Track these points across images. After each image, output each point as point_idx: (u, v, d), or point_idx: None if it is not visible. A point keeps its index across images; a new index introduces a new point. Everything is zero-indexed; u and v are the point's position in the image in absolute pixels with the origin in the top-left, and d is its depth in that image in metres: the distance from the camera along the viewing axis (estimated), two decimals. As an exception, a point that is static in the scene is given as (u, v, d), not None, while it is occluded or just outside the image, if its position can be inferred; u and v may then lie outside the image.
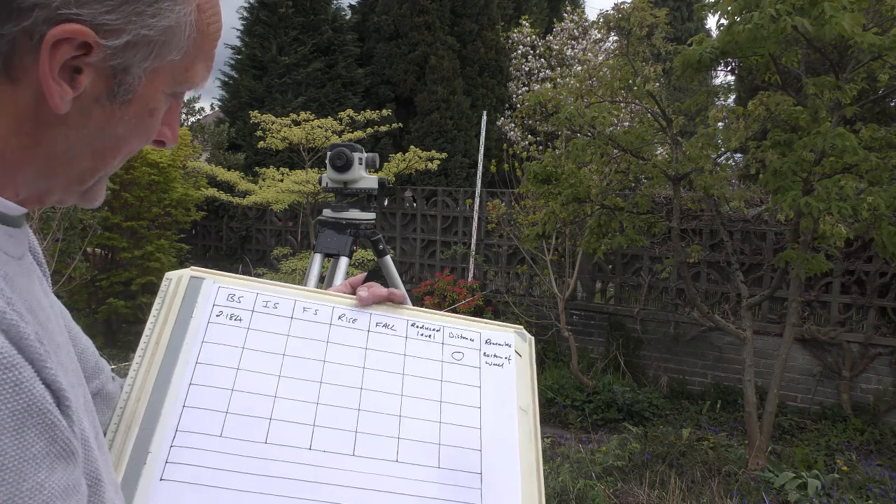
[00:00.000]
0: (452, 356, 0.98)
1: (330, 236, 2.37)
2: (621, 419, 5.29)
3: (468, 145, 10.57)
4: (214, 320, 0.91)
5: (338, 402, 0.89)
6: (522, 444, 0.92)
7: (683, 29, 16.67)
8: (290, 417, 0.86)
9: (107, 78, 0.56)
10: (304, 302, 0.97)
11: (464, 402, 0.94)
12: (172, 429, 0.82)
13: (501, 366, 0.99)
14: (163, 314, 0.91)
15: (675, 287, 6.21)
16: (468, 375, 0.97)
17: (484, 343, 1.01)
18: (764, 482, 3.95)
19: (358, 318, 0.97)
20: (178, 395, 0.84)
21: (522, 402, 0.96)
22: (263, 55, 10.28)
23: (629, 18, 4.57)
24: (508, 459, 0.90)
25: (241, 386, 0.87)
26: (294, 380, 0.89)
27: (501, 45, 10.89)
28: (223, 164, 8.82)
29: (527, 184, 5.19)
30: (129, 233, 6.83)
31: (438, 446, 0.89)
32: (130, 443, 0.80)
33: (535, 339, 1.04)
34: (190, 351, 0.88)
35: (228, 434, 0.83)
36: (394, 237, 7.99)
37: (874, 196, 3.50)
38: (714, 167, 4.43)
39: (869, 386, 5.47)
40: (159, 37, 0.57)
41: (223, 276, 0.97)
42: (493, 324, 1.05)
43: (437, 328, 1.01)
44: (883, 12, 3.97)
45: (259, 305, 0.95)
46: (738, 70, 4.93)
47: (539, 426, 0.96)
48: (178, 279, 0.94)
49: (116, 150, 0.61)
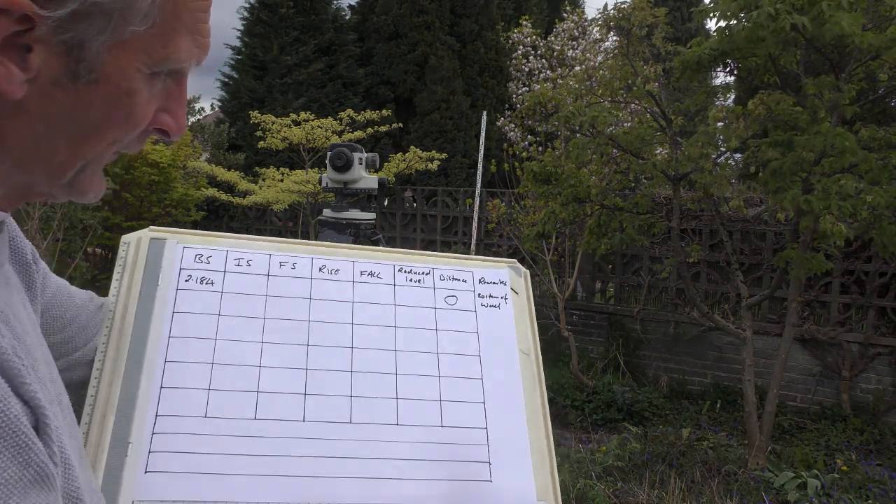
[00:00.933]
0: (446, 301, 0.91)
1: (330, 236, 2.37)
2: (621, 419, 5.29)
3: (468, 145, 10.58)
4: (184, 286, 0.83)
5: (329, 365, 0.82)
6: (527, 389, 0.87)
7: (683, 29, 16.67)
8: (278, 388, 0.79)
9: (61, 55, 0.50)
10: (280, 255, 0.89)
11: (462, 352, 0.88)
12: (152, 414, 0.75)
13: (498, 306, 0.93)
14: (125, 285, 0.82)
15: (674, 287, 6.21)
16: (464, 321, 0.90)
17: (477, 283, 0.94)
18: (764, 482, 3.95)
19: (340, 269, 0.90)
20: (153, 375, 0.77)
21: (523, 344, 0.91)
22: (264, 55, 10.28)
23: (629, 18, 4.58)
24: (513, 408, 0.86)
25: (222, 358, 0.80)
26: (278, 345, 0.82)
27: (501, 46, 10.90)
28: (223, 164, 8.82)
29: (527, 184, 5.20)
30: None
31: (440, 403, 0.84)
32: (107, 433, 0.73)
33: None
34: (161, 324, 0.80)
35: (214, 413, 0.76)
36: (394, 237, 7.99)
37: (874, 195, 3.50)
38: (714, 167, 4.43)
39: (869, 386, 5.47)
40: (113, 4, 0.50)
41: (187, 234, 0.88)
42: (486, 260, 0.98)
43: (427, 271, 0.93)
44: (882, 12, 3.97)
45: (231, 264, 0.86)
46: (737, 71, 4.93)
47: (542, 367, 0.91)
48: (136, 242, 0.86)
49: (95, 137, 0.54)
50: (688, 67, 4.11)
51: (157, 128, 0.59)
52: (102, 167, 0.59)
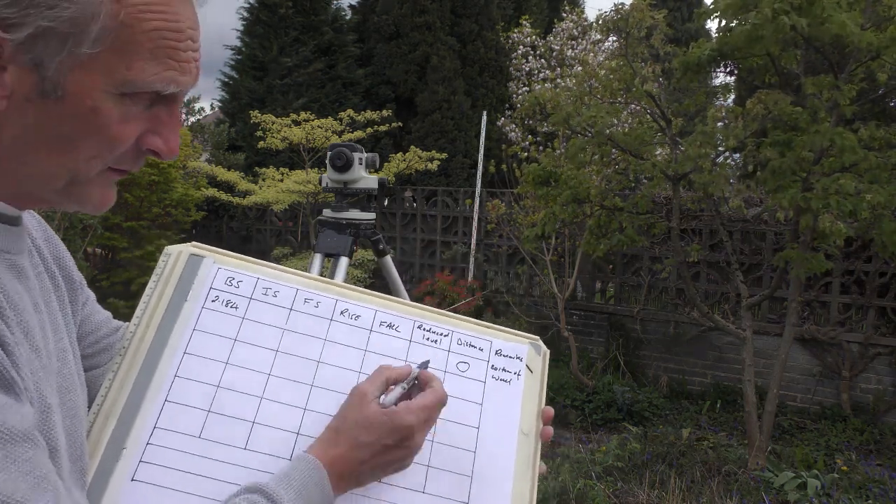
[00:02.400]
0: (457, 366, 0.90)
1: (330, 236, 2.37)
2: (621, 419, 5.29)
3: (468, 145, 10.58)
4: (209, 306, 0.84)
5: (327, 409, 0.81)
6: (517, 472, 0.85)
7: (683, 30, 16.67)
8: (273, 422, 0.79)
9: (29, 73, 0.57)
10: (307, 292, 0.89)
11: (461, 421, 0.86)
12: (151, 424, 0.76)
13: (509, 382, 0.91)
14: (156, 294, 0.84)
15: (674, 287, 6.21)
16: (471, 390, 0.89)
17: (493, 354, 0.92)
18: (764, 482, 3.95)
19: (362, 315, 0.89)
20: (161, 386, 0.78)
21: (525, 424, 0.89)
22: (264, 56, 10.28)
23: (628, 20, 4.58)
24: (499, 489, 0.84)
25: (228, 383, 0.80)
26: (284, 380, 0.82)
27: (501, 46, 10.90)
28: (223, 164, 8.82)
29: (526, 186, 5.20)
30: (129, 233, 6.84)
31: (427, 468, 0.83)
32: (106, 435, 0.74)
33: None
34: (179, 338, 0.81)
35: (208, 436, 0.77)
36: (394, 237, 7.99)
37: (874, 195, 3.51)
38: (713, 166, 4.43)
39: (869, 386, 5.47)
40: (65, 28, 0.56)
41: (225, 256, 0.89)
42: (508, 332, 0.96)
43: (446, 333, 0.92)
44: (880, 12, 3.97)
45: (258, 293, 0.87)
46: (737, 71, 4.93)
47: (539, 448, 0.88)
48: (176, 255, 0.88)
49: (69, 150, 0.60)
50: (688, 68, 4.12)
51: (149, 149, 0.65)
52: (100, 182, 0.65)
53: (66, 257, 0.82)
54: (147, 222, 6.94)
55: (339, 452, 0.75)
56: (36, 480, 0.54)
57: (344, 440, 0.75)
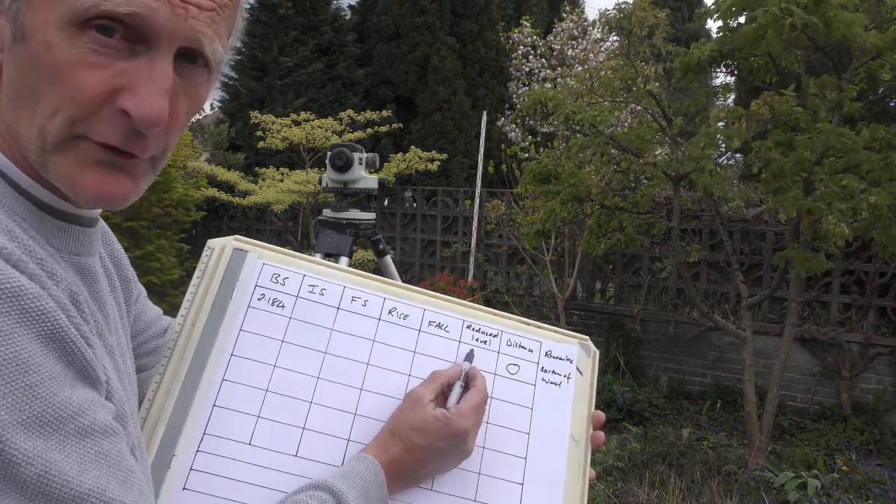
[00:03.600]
0: (507, 369, 0.87)
1: (330, 236, 2.37)
2: (621, 419, 5.29)
3: (469, 146, 10.58)
4: (255, 304, 0.82)
5: (377, 414, 0.80)
6: (569, 480, 0.83)
7: (684, 29, 16.67)
8: (324, 428, 0.78)
9: (10, 22, 0.55)
10: (354, 289, 0.86)
11: (511, 426, 0.84)
12: (200, 431, 0.74)
13: (559, 385, 0.88)
14: (201, 291, 0.82)
15: (675, 287, 6.21)
16: (521, 394, 0.86)
17: (543, 355, 0.90)
18: (764, 482, 3.95)
19: (410, 315, 0.87)
20: (209, 390, 0.76)
21: (576, 430, 0.86)
22: (264, 56, 10.28)
23: (630, 18, 4.58)
24: (551, 498, 0.82)
25: (276, 387, 0.78)
26: (333, 384, 0.80)
27: (502, 46, 10.90)
28: (223, 164, 8.82)
29: (525, 183, 5.19)
30: (129, 233, 6.83)
31: (478, 475, 0.81)
32: (156, 441, 0.73)
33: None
34: (226, 339, 0.79)
35: (258, 443, 0.75)
36: (394, 237, 7.99)
37: (875, 196, 3.50)
38: (715, 167, 4.43)
39: (869, 386, 5.47)
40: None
41: (268, 251, 0.87)
42: (557, 332, 0.93)
43: (495, 333, 0.89)
44: (883, 13, 3.97)
45: (304, 290, 0.84)
46: (738, 71, 4.93)
47: (589, 454, 0.86)
48: (220, 249, 0.84)
49: (35, 102, 0.54)
50: (689, 69, 4.11)
51: (121, 109, 0.54)
52: (80, 158, 0.55)
53: (120, 252, 0.79)
54: (147, 222, 6.93)
55: (394, 454, 0.75)
56: (124, 475, 0.54)
57: (399, 443, 0.75)
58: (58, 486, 0.48)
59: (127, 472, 0.54)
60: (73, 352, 0.53)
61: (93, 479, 0.51)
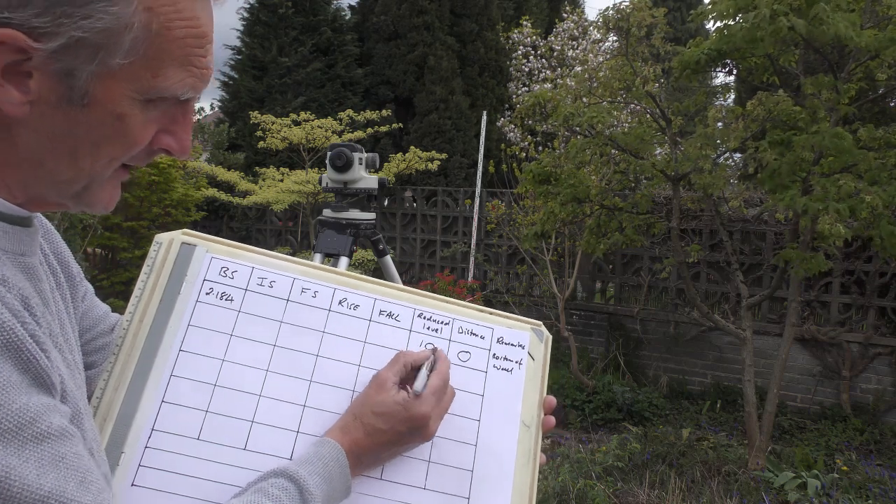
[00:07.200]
0: (458, 356, 0.88)
1: (330, 236, 2.37)
2: (621, 419, 5.29)
3: (467, 145, 10.58)
4: (203, 299, 0.82)
5: (326, 406, 0.80)
6: (518, 465, 0.84)
7: (683, 29, 16.67)
8: (273, 421, 0.78)
9: (58, 82, 0.57)
10: (304, 281, 0.86)
11: (462, 413, 0.85)
12: (148, 427, 0.75)
13: (510, 371, 0.89)
14: (149, 286, 0.81)
15: (675, 287, 6.21)
16: (472, 381, 0.87)
17: (495, 342, 0.90)
18: (764, 482, 3.95)
19: (360, 305, 0.87)
20: (157, 386, 0.76)
21: (527, 415, 0.87)
22: (263, 56, 10.28)
23: (628, 19, 4.58)
24: (501, 484, 0.83)
25: (225, 381, 0.78)
26: (282, 376, 0.80)
27: (501, 46, 10.90)
28: (223, 164, 8.82)
29: (525, 184, 5.19)
30: (129, 233, 6.84)
31: (427, 463, 0.81)
32: (105, 438, 0.73)
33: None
34: (174, 335, 0.79)
35: (206, 437, 0.75)
36: (394, 237, 7.99)
37: (873, 195, 3.51)
38: (713, 167, 4.43)
39: (869, 386, 5.47)
40: (98, 39, 0.56)
41: (218, 244, 0.86)
42: (509, 318, 0.94)
43: (447, 321, 0.90)
44: (880, 12, 3.97)
45: (253, 283, 0.84)
46: (737, 71, 4.93)
47: (540, 439, 0.87)
48: (168, 244, 0.84)
49: (92, 154, 0.61)
50: (687, 68, 4.12)
51: (162, 148, 0.65)
52: (111, 182, 0.65)
53: (64, 250, 0.81)
54: (147, 222, 6.93)
55: (356, 438, 0.76)
56: (82, 476, 0.56)
57: (361, 426, 0.77)
58: (18, 491, 0.50)
59: (84, 472, 0.56)
60: (29, 360, 0.55)
61: (52, 482, 0.53)
